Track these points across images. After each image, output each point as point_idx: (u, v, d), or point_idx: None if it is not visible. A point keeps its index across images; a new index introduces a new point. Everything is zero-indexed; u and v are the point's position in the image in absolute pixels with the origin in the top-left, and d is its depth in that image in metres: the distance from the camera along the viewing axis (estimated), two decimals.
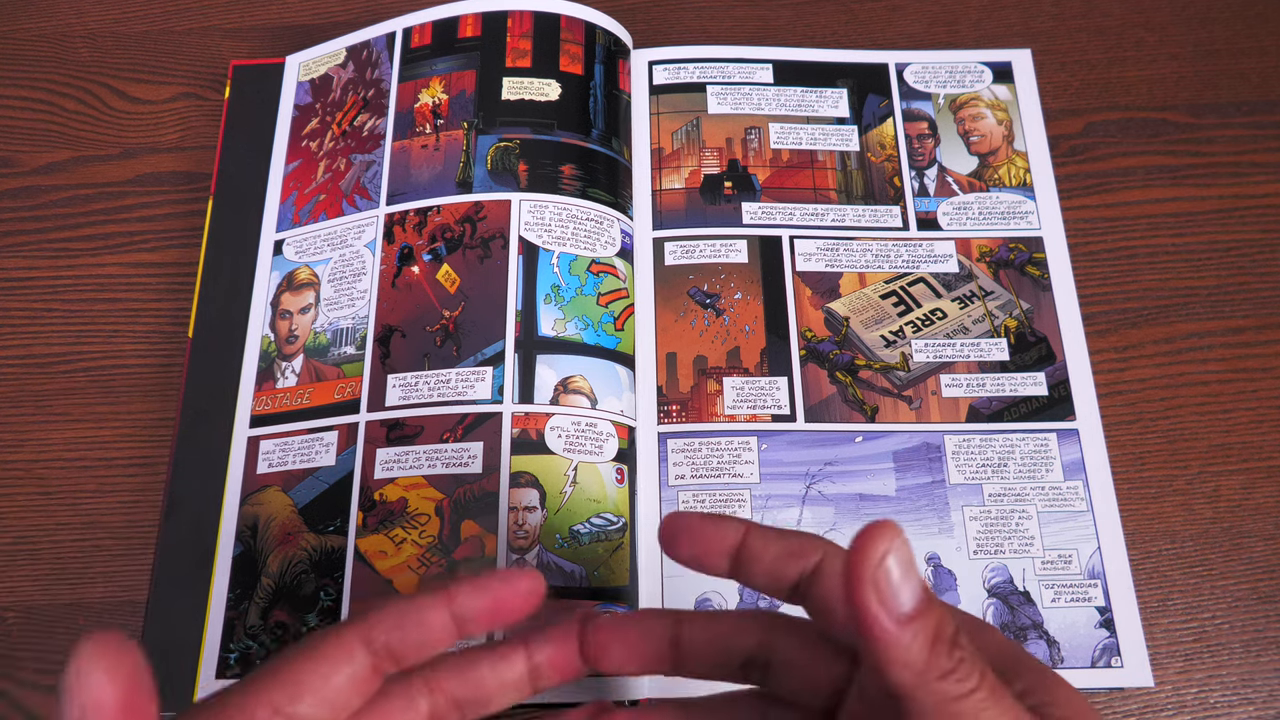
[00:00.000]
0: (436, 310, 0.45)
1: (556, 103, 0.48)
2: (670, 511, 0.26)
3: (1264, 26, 0.55)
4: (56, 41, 0.56)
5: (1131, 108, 0.53)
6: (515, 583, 0.24)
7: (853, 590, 0.21)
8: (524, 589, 0.24)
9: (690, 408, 0.45)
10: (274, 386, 0.46)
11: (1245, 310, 0.48)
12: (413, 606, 0.23)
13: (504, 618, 0.24)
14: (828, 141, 0.51)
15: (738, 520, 0.26)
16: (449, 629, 0.24)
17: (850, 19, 0.55)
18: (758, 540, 0.25)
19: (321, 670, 0.23)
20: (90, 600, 0.43)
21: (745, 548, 0.25)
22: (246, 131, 0.52)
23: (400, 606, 0.23)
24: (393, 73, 0.50)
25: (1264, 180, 0.51)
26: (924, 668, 0.21)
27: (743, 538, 0.25)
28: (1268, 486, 0.45)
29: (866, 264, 0.48)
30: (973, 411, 0.45)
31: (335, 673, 0.23)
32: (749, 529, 0.26)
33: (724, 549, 0.26)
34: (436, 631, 0.23)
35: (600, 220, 0.46)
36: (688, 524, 0.26)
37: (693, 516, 0.26)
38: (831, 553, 0.25)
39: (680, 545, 0.26)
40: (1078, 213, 0.50)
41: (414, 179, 0.47)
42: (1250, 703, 0.41)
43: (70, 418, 0.47)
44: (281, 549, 0.42)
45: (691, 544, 0.26)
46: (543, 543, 0.40)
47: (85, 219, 0.51)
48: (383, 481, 0.42)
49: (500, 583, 0.24)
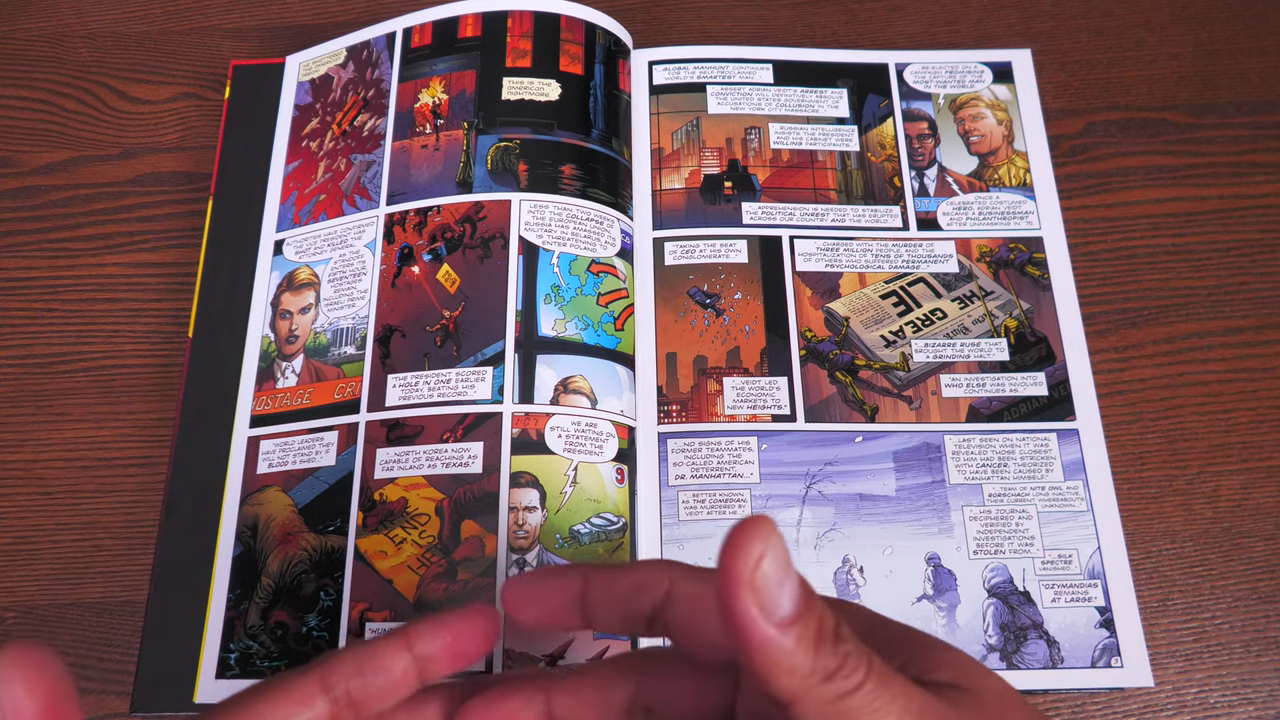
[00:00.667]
0: (436, 310, 0.45)
1: (556, 103, 0.48)
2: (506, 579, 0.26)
3: (1264, 26, 0.55)
4: (56, 41, 0.56)
5: (1131, 108, 0.53)
6: (473, 620, 0.23)
7: (728, 600, 0.19)
8: (482, 628, 0.23)
9: (690, 408, 0.45)
10: (274, 386, 0.46)
11: (1245, 310, 0.48)
12: (372, 652, 0.23)
13: (465, 658, 0.23)
14: (828, 141, 0.51)
15: (575, 567, 0.25)
16: (410, 673, 0.23)
17: (850, 19, 0.55)
18: (600, 583, 0.24)
19: (279, 712, 0.22)
20: (90, 600, 0.43)
21: (589, 594, 0.24)
22: (246, 131, 0.52)
23: (360, 652, 0.23)
24: (393, 73, 0.50)
25: (1264, 180, 0.51)
26: (809, 670, 0.20)
27: (584, 583, 0.24)
28: (1268, 486, 0.45)
29: (866, 264, 0.48)
30: (973, 411, 0.45)
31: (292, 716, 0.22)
32: (587, 573, 0.25)
33: (568, 601, 0.25)
34: (397, 676, 0.23)
35: (600, 220, 0.46)
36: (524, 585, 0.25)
37: (527, 576, 0.25)
38: (679, 575, 0.24)
39: (524, 610, 0.25)
40: (1078, 213, 0.50)
41: (414, 179, 0.47)
42: (1250, 703, 0.41)
43: (70, 418, 0.47)
44: (281, 549, 0.42)
45: (535, 604, 0.25)
46: (543, 543, 0.40)
47: (85, 219, 0.51)
48: (383, 481, 0.42)
49: (458, 620, 0.23)
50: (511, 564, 0.40)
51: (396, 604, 0.40)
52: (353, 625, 0.40)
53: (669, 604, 0.24)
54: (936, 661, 0.23)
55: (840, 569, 0.42)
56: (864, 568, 0.42)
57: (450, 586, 0.40)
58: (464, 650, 0.23)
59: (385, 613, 0.40)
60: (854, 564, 0.42)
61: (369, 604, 0.40)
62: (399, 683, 0.23)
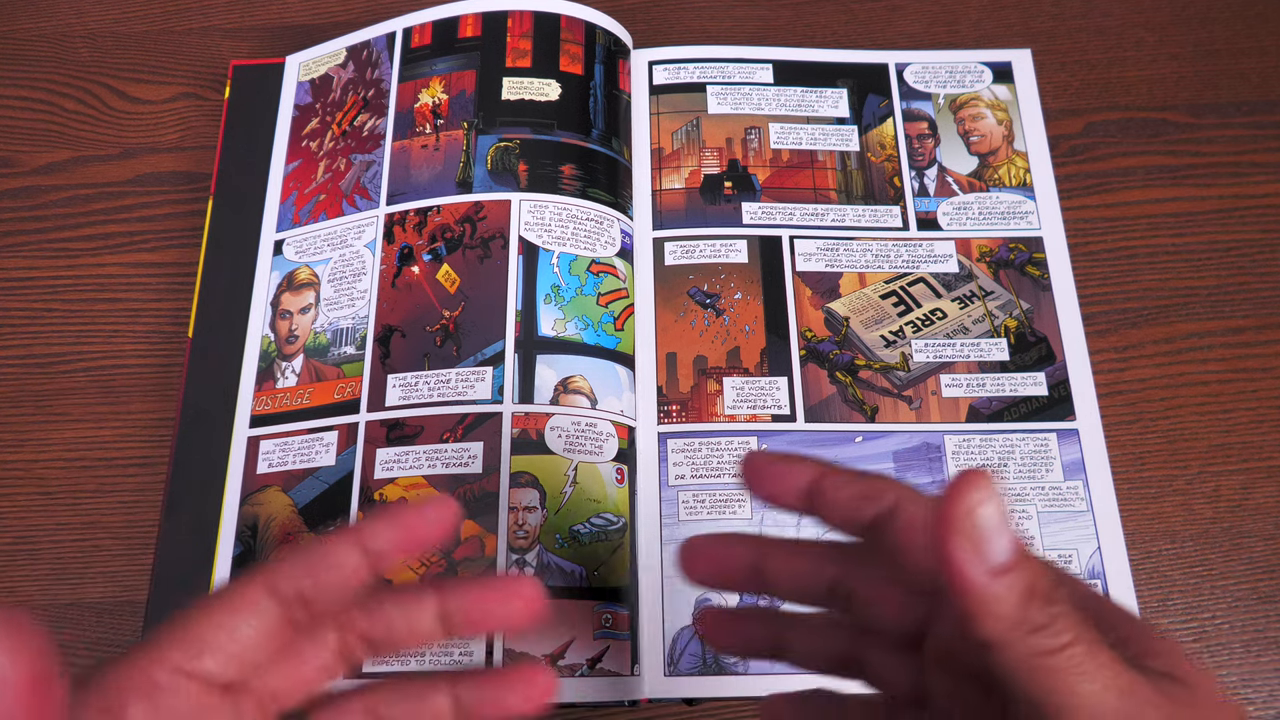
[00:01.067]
0: (436, 310, 0.45)
1: (556, 103, 0.48)
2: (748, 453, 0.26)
3: (1264, 26, 0.55)
4: (56, 41, 0.56)
5: (1131, 108, 0.53)
6: (425, 510, 0.23)
7: (941, 540, 0.20)
8: (434, 515, 0.23)
9: (690, 408, 0.45)
10: (274, 386, 0.46)
11: (1245, 310, 0.48)
12: (322, 549, 0.23)
13: (416, 547, 0.23)
14: (828, 141, 0.51)
15: (813, 462, 0.26)
16: (361, 566, 0.23)
17: (850, 19, 0.55)
18: (833, 481, 0.25)
19: (225, 624, 0.22)
20: (90, 600, 0.43)
21: (820, 489, 0.25)
22: (246, 131, 0.52)
23: (308, 550, 0.23)
24: (393, 73, 0.50)
25: (1264, 180, 0.51)
26: (1016, 621, 0.20)
27: (817, 479, 0.25)
28: (1268, 486, 0.45)
29: (866, 264, 0.48)
30: (973, 411, 0.45)
31: (239, 626, 0.22)
32: (824, 472, 0.25)
33: (799, 487, 0.25)
34: (349, 571, 0.23)
35: (600, 220, 0.46)
36: (764, 463, 0.26)
37: (768, 456, 0.26)
38: (907, 497, 0.25)
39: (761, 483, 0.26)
40: (1078, 213, 0.50)
41: (414, 179, 0.47)
42: (1250, 703, 0.41)
43: (70, 418, 0.47)
44: (281, 549, 0.42)
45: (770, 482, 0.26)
46: (543, 543, 0.40)
47: (85, 219, 0.51)
48: (383, 481, 0.42)
49: (410, 512, 0.23)
50: (511, 564, 0.40)
51: None
52: None
53: (892, 516, 0.24)
54: (1154, 649, 0.23)
55: None
56: None
57: None
58: (415, 541, 0.23)
59: None
60: None
61: None
62: (350, 577, 0.23)
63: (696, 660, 0.41)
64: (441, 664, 0.38)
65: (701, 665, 0.41)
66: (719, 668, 0.40)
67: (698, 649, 0.41)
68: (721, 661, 0.41)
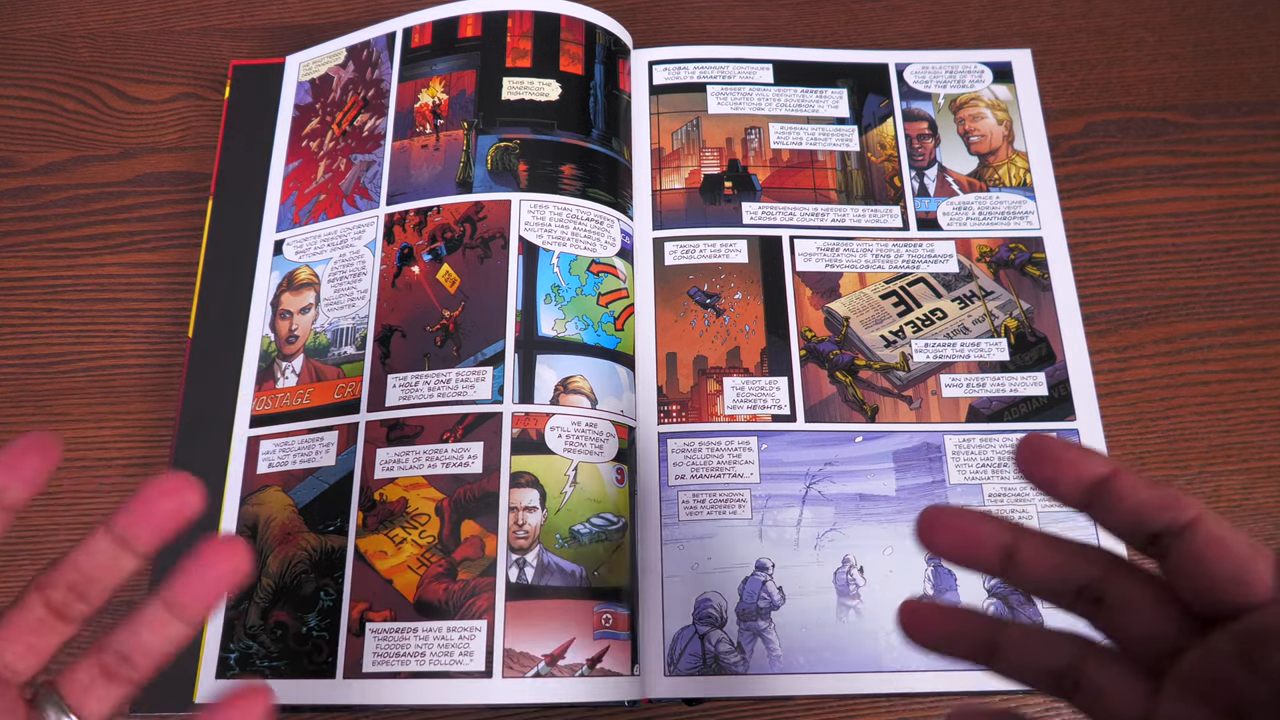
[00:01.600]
0: (436, 310, 0.45)
1: (556, 103, 0.48)
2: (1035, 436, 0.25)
3: (1264, 26, 0.55)
4: (56, 41, 0.56)
5: (1131, 108, 0.53)
6: (162, 484, 0.25)
7: None
8: (169, 487, 0.25)
9: (690, 408, 0.45)
10: (274, 386, 0.46)
11: (1245, 310, 0.48)
12: (79, 547, 0.25)
13: (158, 519, 0.25)
14: (828, 141, 0.51)
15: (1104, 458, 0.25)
16: (114, 551, 0.25)
17: (850, 19, 0.55)
18: (1130, 483, 0.24)
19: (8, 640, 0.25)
20: None
21: (1111, 486, 0.24)
22: (246, 131, 0.52)
23: (69, 552, 0.25)
24: (393, 73, 0.50)
25: (1264, 180, 0.51)
26: None
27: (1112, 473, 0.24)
28: (1268, 486, 0.45)
29: (866, 264, 0.48)
30: (973, 411, 0.45)
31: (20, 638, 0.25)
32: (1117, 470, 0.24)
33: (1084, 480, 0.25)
34: (105, 557, 0.25)
35: (600, 220, 0.46)
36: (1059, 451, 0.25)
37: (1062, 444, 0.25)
38: (1208, 515, 0.24)
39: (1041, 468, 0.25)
40: (1078, 213, 0.50)
41: (414, 179, 0.47)
42: None
43: (70, 418, 0.47)
44: (281, 549, 0.42)
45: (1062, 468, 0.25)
46: (543, 543, 0.40)
47: (85, 219, 0.51)
48: (383, 481, 0.42)
49: (149, 489, 0.25)
50: (511, 564, 0.40)
51: (397, 604, 0.40)
52: (353, 625, 0.40)
53: (1188, 532, 0.24)
54: None
55: (840, 569, 0.42)
56: (864, 568, 0.42)
57: (450, 586, 0.40)
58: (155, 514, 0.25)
59: (386, 612, 0.40)
60: (854, 564, 0.42)
61: (369, 604, 0.40)
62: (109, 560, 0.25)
63: (696, 660, 0.41)
64: (442, 664, 0.38)
65: (701, 665, 0.41)
66: (719, 668, 0.40)
67: (698, 649, 0.41)
68: (722, 662, 0.41)
